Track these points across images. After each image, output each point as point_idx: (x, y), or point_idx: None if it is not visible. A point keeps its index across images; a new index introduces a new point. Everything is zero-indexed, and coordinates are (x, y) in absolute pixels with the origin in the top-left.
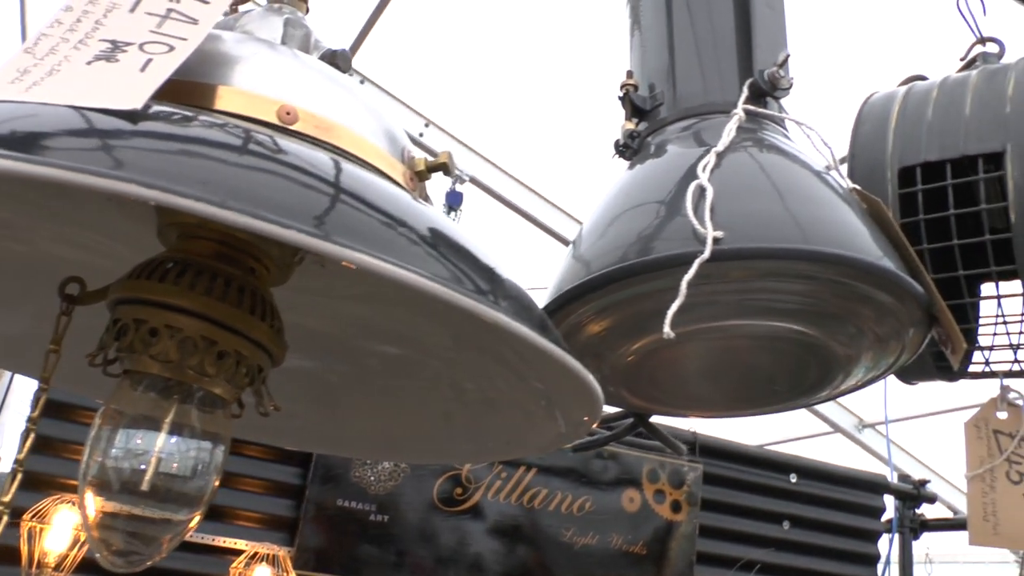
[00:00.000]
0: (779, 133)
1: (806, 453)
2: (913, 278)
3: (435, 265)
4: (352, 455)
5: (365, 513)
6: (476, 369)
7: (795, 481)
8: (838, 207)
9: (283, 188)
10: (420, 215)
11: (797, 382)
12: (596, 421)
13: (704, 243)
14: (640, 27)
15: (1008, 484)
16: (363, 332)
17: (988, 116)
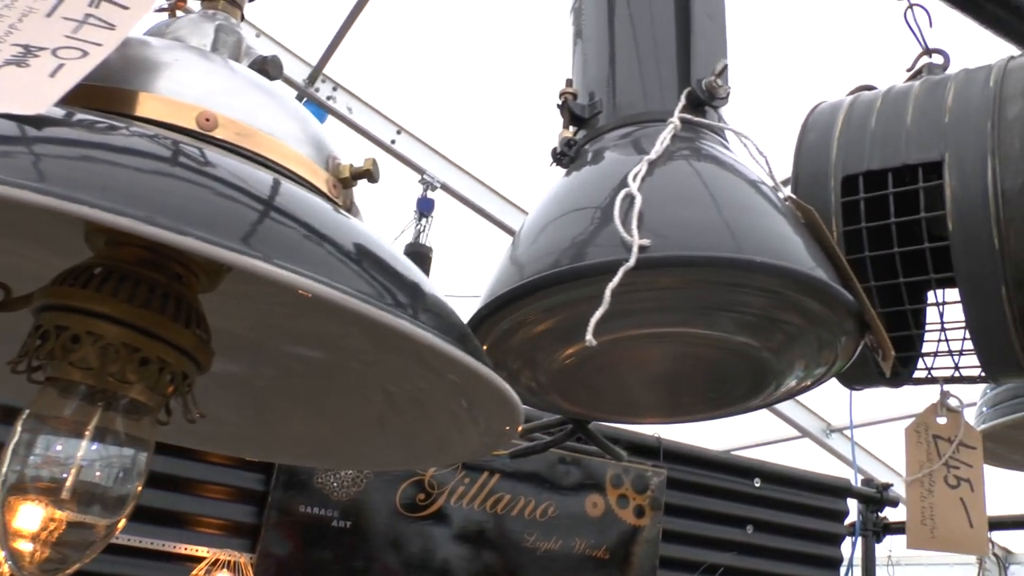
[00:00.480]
0: (717, 142)
1: (774, 458)
2: (844, 287)
3: (354, 279)
4: (284, 461)
5: (328, 519)
6: (397, 371)
7: (759, 485)
8: (771, 216)
9: (206, 201)
10: (341, 228)
11: (730, 389)
12: (517, 431)
13: (630, 251)
14: (582, 36)
15: (946, 488)
16: (285, 336)
17: (928, 126)
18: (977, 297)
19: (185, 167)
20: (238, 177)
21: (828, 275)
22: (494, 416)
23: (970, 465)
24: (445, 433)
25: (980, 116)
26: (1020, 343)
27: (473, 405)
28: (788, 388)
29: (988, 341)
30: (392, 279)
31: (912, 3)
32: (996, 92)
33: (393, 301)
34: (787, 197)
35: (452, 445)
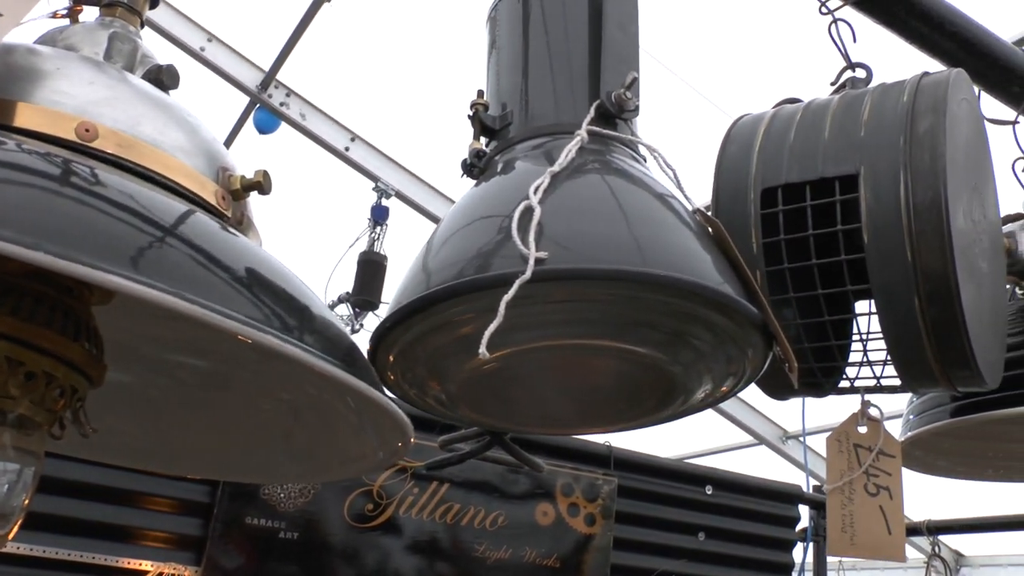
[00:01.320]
0: (627, 155)
1: (731, 465)
2: (749, 299)
3: (237, 300)
4: (185, 473)
5: (274, 531)
6: (285, 377)
7: (711, 493)
8: (677, 229)
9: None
10: (223, 247)
11: (641, 401)
12: (410, 444)
13: (527, 264)
14: (497, 47)
15: (866, 496)
16: (172, 346)
17: (844, 140)
18: (892, 309)
19: (56, 181)
20: (120, 193)
21: (734, 288)
22: (387, 430)
23: (889, 473)
24: (344, 445)
25: (893, 131)
26: (934, 354)
27: (364, 417)
28: (698, 399)
29: (904, 352)
30: (275, 299)
31: (836, 18)
32: (909, 107)
33: (277, 323)
34: (695, 210)
35: (351, 458)
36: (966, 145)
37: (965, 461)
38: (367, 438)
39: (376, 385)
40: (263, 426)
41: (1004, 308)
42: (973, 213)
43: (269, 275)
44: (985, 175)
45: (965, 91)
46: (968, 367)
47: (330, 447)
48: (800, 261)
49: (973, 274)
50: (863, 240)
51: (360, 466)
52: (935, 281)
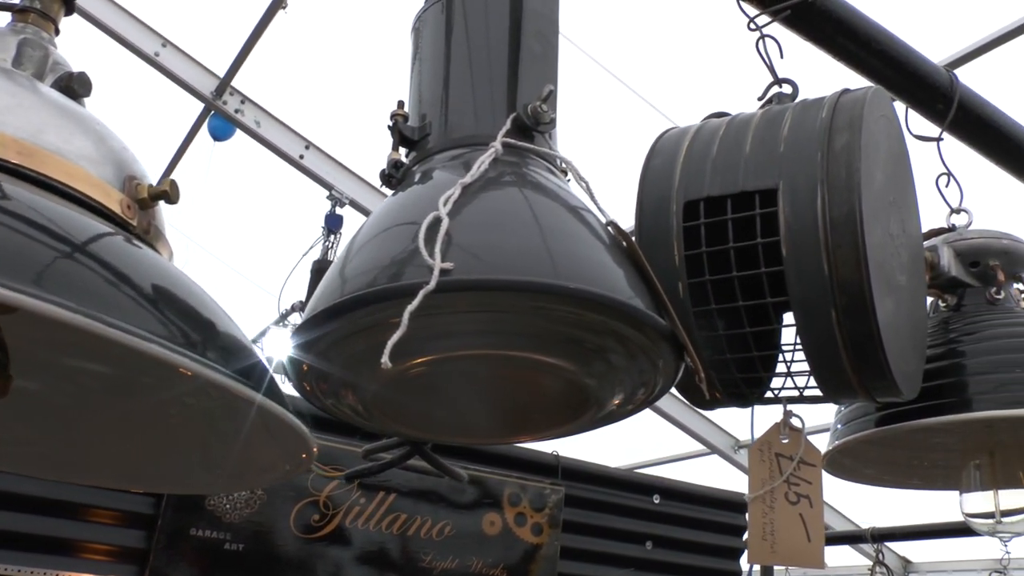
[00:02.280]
0: (543, 167)
1: (683, 474)
2: (658, 312)
3: (128, 309)
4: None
5: (219, 542)
6: (187, 383)
7: (658, 501)
8: (588, 241)
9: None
10: (124, 260)
11: (554, 412)
12: (314, 454)
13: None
14: (420, 58)
15: (786, 505)
16: (72, 352)
17: (765, 155)
18: (810, 321)
19: None
20: (16, 203)
21: (643, 300)
22: (290, 442)
23: (810, 482)
24: (256, 456)
25: (812, 146)
26: (852, 366)
27: (272, 428)
28: (613, 410)
29: (822, 364)
30: (169, 307)
31: (764, 34)
32: (827, 124)
33: (165, 331)
34: (609, 222)
35: (263, 468)
36: (885, 161)
37: (892, 469)
38: (275, 449)
39: (276, 396)
40: (175, 434)
41: (924, 321)
42: (891, 227)
43: (165, 285)
44: (905, 190)
45: (884, 108)
46: (884, 378)
47: (242, 457)
48: (722, 273)
49: (891, 287)
50: (782, 253)
51: (271, 476)
52: (851, 294)
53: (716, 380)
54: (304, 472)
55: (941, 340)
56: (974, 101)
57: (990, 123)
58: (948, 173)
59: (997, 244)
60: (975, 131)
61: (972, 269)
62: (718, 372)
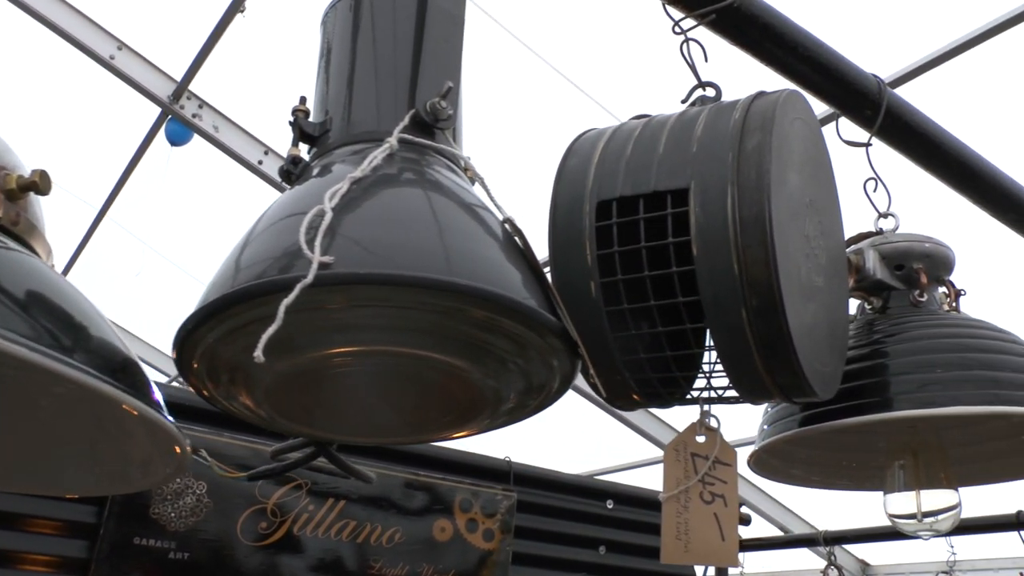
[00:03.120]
0: (442, 165)
1: (644, 480)
2: (550, 309)
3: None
4: None
5: (163, 551)
6: (56, 383)
7: (611, 507)
8: (479, 238)
9: None
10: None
11: (450, 411)
12: (188, 455)
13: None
14: (326, 54)
15: (701, 504)
16: None
17: (678, 155)
18: (722, 321)
19: None
20: None
21: (536, 298)
22: (163, 441)
23: (725, 481)
24: (139, 456)
25: (724, 147)
26: (764, 366)
27: (145, 428)
28: (511, 409)
29: (735, 364)
30: (30, 304)
31: (689, 38)
32: (740, 125)
33: (23, 327)
34: (505, 219)
35: (147, 470)
36: (801, 163)
37: (820, 470)
38: (152, 449)
39: (146, 397)
40: (50, 436)
41: (844, 322)
42: (807, 229)
43: (24, 281)
44: (825, 193)
45: (800, 111)
46: (797, 378)
47: (125, 458)
48: (635, 273)
49: (806, 288)
50: (693, 253)
51: (154, 479)
52: (761, 294)
53: (632, 381)
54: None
55: (865, 341)
56: (902, 108)
57: (917, 129)
58: (876, 178)
59: (920, 247)
60: (903, 137)
61: (897, 272)
62: (633, 373)
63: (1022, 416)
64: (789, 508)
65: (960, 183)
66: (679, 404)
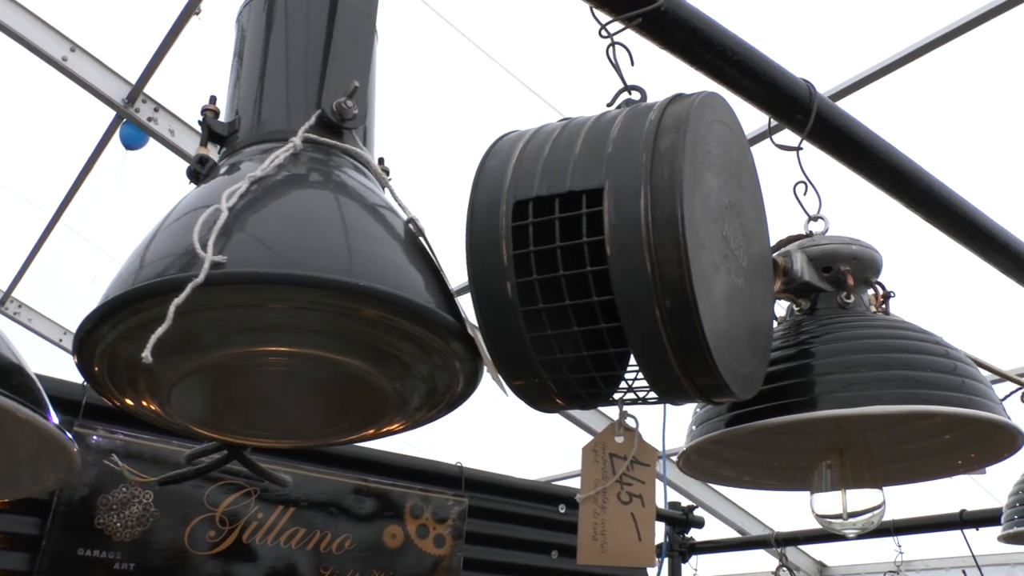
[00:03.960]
0: (348, 165)
1: None
2: (449, 310)
3: None
4: None
5: (109, 562)
6: None
7: (564, 511)
8: (379, 239)
9: None
10: None
11: (356, 413)
12: (73, 463)
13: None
14: (240, 53)
15: (618, 505)
16: None
17: (593, 156)
18: (636, 322)
19: None
20: None
21: (436, 299)
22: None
23: (643, 481)
24: (31, 462)
25: (638, 148)
26: (680, 367)
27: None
28: (417, 413)
29: (651, 364)
30: None
31: (615, 41)
32: (655, 126)
33: None
34: (409, 220)
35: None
36: (720, 165)
37: (750, 471)
38: (44, 458)
39: (34, 402)
40: None
41: (767, 323)
42: (726, 230)
43: None
44: (748, 195)
45: (719, 113)
46: (713, 379)
47: (14, 463)
48: (550, 273)
49: (725, 289)
50: (607, 253)
51: (44, 484)
52: (674, 295)
53: (551, 382)
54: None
55: (792, 342)
56: (833, 113)
57: (848, 134)
58: (806, 182)
59: (847, 250)
60: (834, 141)
61: (825, 274)
62: (552, 374)
63: (940, 415)
64: (745, 510)
65: (892, 187)
66: (600, 405)
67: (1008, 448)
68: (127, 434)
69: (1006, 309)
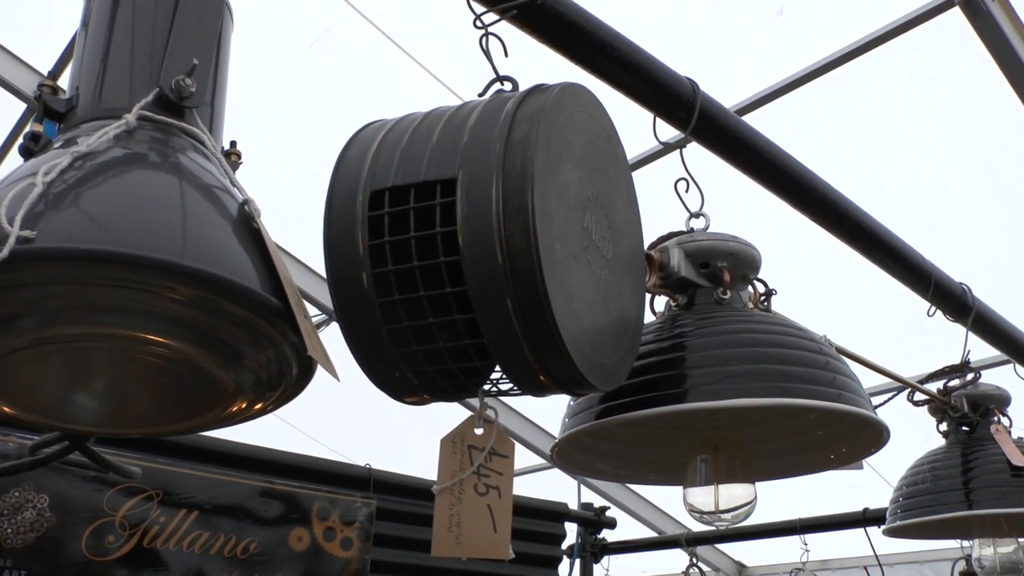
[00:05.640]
0: (186, 144)
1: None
2: (276, 294)
3: None
4: None
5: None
6: None
7: None
8: (210, 219)
9: None
10: None
11: (188, 401)
12: None
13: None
14: (86, 26)
15: (475, 496)
16: None
17: (449, 145)
18: (489, 312)
19: None
20: None
21: (264, 281)
22: None
23: (500, 473)
24: None
25: (492, 138)
26: (535, 357)
27: None
28: (254, 401)
29: (506, 356)
30: None
31: (489, 32)
32: (511, 116)
33: None
34: (244, 201)
35: None
36: (582, 156)
37: (627, 464)
38: None
39: None
40: None
41: (635, 316)
42: (587, 221)
43: None
44: (616, 188)
45: (583, 104)
46: (570, 371)
47: None
48: (405, 263)
49: (584, 281)
50: (459, 243)
51: None
52: (526, 285)
53: (411, 375)
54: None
55: (667, 336)
56: (716, 111)
57: (732, 132)
58: (688, 179)
59: (724, 246)
60: (717, 139)
61: (702, 270)
62: (411, 366)
63: (807, 409)
64: (662, 509)
65: (777, 185)
66: (465, 398)
67: (875, 443)
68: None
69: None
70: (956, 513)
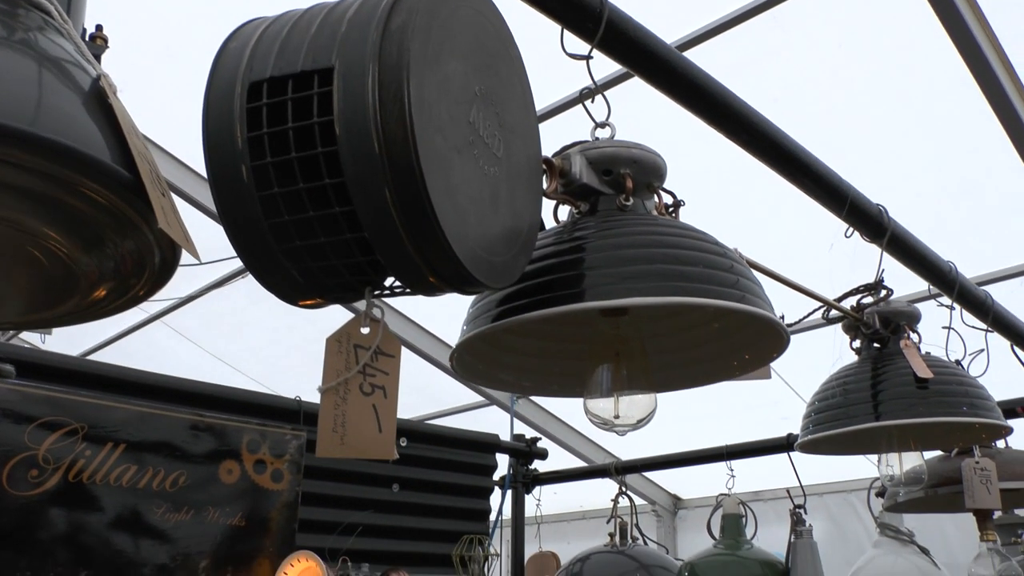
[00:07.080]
0: (39, 19)
1: (469, 424)
2: (127, 167)
3: None
4: None
5: None
6: None
7: (405, 444)
8: (57, 90)
9: None
10: None
11: (40, 287)
12: None
13: None
14: None
15: (360, 396)
16: None
17: (328, 35)
18: (367, 204)
19: None
20: None
21: (113, 155)
22: None
23: (386, 372)
24: None
25: (370, 27)
26: (416, 252)
27: None
28: (115, 292)
29: (387, 249)
30: None
31: None
32: (390, 6)
33: None
34: (99, 75)
35: None
36: (468, 51)
37: (530, 376)
38: None
39: None
40: None
41: (530, 217)
42: (473, 116)
43: None
44: (510, 89)
45: (471, 1)
46: (453, 265)
47: None
48: (285, 156)
49: (469, 175)
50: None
51: None
52: (402, 174)
53: (296, 272)
54: None
55: (566, 239)
56: (625, 22)
57: (639, 42)
58: (593, 89)
59: (627, 153)
60: (625, 51)
61: (605, 177)
62: (294, 263)
63: (706, 307)
64: (593, 440)
65: (689, 101)
66: (354, 300)
67: (776, 348)
68: None
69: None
70: (865, 425)
